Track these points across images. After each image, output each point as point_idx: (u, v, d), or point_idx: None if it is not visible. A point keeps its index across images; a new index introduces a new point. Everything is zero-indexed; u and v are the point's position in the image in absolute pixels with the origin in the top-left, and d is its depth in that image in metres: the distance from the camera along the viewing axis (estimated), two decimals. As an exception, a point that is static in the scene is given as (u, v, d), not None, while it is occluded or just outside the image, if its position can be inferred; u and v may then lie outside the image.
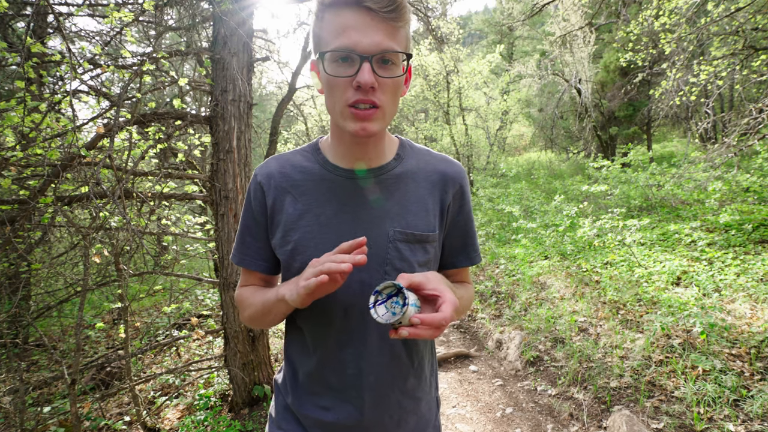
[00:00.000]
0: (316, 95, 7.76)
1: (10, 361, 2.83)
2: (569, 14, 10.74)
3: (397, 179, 0.82)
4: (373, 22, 0.65)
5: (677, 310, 3.04)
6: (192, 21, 3.32)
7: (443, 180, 0.84)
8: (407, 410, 0.84)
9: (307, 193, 0.80)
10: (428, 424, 0.91)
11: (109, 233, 2.57)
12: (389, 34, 0.67)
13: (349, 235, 0.77)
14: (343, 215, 0.79)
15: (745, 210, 4.56)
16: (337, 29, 0.66)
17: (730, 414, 2.16)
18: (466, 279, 0.97)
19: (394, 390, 0.81)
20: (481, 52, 16.33)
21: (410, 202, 0.81)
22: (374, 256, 0.77)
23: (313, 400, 0.82)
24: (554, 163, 15.18)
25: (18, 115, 2.14)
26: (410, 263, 0.79)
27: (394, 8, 0.65)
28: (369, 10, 0.65)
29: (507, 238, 6.77)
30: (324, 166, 0.82)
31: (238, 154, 2.90)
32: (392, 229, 0.78)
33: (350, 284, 0.76)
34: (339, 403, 0.80)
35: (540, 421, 2.60)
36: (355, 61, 0.66)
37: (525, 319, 3.82)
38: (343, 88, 0.68)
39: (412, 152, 0.87)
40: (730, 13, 5.61)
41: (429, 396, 0.90)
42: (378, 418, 0.81)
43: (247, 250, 0.86)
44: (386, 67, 0.68)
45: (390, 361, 0.80)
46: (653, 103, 8.63)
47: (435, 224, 0.83)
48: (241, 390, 2.99)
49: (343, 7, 0.66)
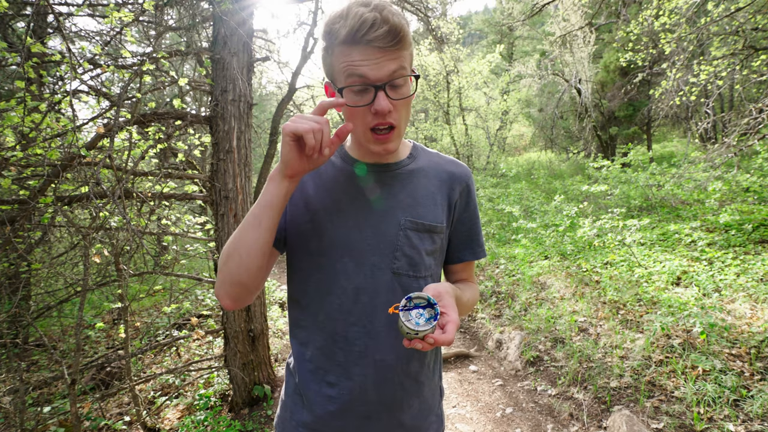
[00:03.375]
0: (316, 95, 7.77)
1: (10, 361, 2.83)
2: (569, 14, 10.74)
3: (410, 174, 0.89)
4: (380, 54, 0.71)
5: (677, 310, 3.04)
6: (192, 21, 3.32)
7: (451, 179, 0.92)
8: (410, 393, 0.87)
9: (329, 181, 0.87)
10: (431, 410, 0.93)
11: (109, 233, 2.57)
12: (396, 60, 0.73)
13: (363, 221, 0.84)
14: (359, 203, 0.85)
15: (745, 210, 4.55)
16: (349, 66, 0.72)
17: (730, 414, 2.16)
18: (470, 278, 1.01)
19: (397, 371, 0.85)
20: (481, 52, 16.33)
21: (421, 195, 0.88)
22: (386, 241, 0.84)
23: (319, 375, 0.85)
24: (554, 163, 15.17)
25: (18, 115, 2.14)
26: (419, 250, 0.85)
27: (398, 41, 0.72)
28: (376, 47, 0.71)
29: (507, 238, 6.76)
30: (345, 159, 0.89)
31: (238, 154, 2.90)
32: (403, 218, 0.85)
33: (362, 266, 0.82)
34: (344, 380, 0.83)
35: (540, 421, 2.60)
36: (370, 91, 0.74)
37: (525, 319, 3.82)
38: (363, 115, 0.76)
39: (424, 153, 0.95)
40: (730, 13, 5.61)
41: (432, 382, 0.93)
42: (380, 397, 0.84)
43: None
44: (398, 89, 0.75)
45: (395, 341, 0.83)
46: (653, 103, 8.63)
47: (443, 217, 0.90)
48: (241, 390, 2.99)
49: (351, 45, 0.71)
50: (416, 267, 0.85)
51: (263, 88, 11.66)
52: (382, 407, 0.85)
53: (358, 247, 0.83)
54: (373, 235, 0.83)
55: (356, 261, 0.83)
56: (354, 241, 0.83)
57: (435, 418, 0.94)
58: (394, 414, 0.86)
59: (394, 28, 0.70)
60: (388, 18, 0.69)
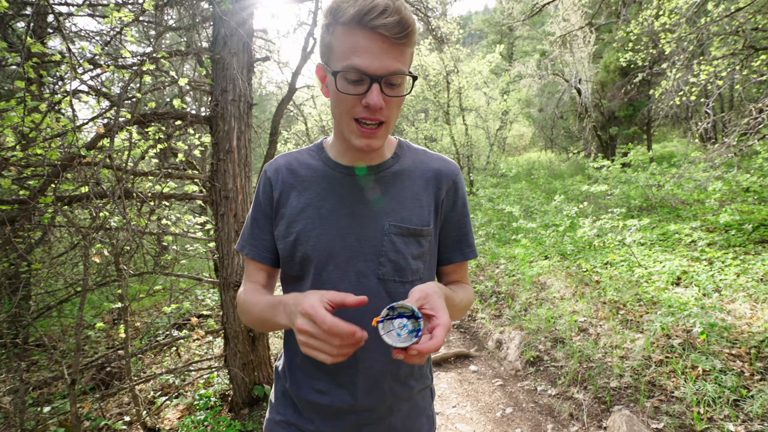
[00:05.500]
0: (316, 95, 7.76)
1: (10, 361, 2.82)
2: (569, 14, 10.74)
3: (393, 176, 0.87)
4: (384, 45, 0.68)
5: (677, 310, 3.04)
6: (192, 21, 3.32)
7: (437, 177, 0.89)
8: (400, 397, 0.87)
9: (310, 188, 0.86)
10: (422, 412, 0.92)
11: (109, 233, 2.57)
12: (398, 57, 0.70)
13: (346, 228, 0.82)
14: (342, 209, 0.83)
15: (745, 210, 4.55)
16: (348, 49, 0.69)
17: (730, 414, 2.16)
18: (463, 279, 0.98)
19: (387, 377, 0.84)
20: (481, 52, 16.33)
21: (405, 198, 0.85)
22: (370, 247, 0.82)
23: (309, 383, 0.85)
24: (554, 163, 15.17)
25: (18, 115, 2.14)
26: (404, 255, 0.83)
27: (406, 34, 0.68)
28: (381, 35, 0.67)
29: (507, 238, 6.76)
30: (326, 163, 0.87)
31: (238, 154, 2.90)
32: (387, 223, 0.83)
33: (347, 274, 0.82)
34: (334, 387, 0.83)
35: (540, 421, 2.60)
36: (365, 82, 0.70)
37: (525, 319, 3.82)
38: (352, 104, 0.73)
39: (409, 151, 0.92)
40: (730, 13, 5.61)
41: (422, 385, 0.92)
42: (371, 404, 0.84)
43: (255, 241, 0.90)
44: (393, 87, 0.72)
45: (383, 348, 0.81)
46: (653, 103, 8.63)
47: (429, 219, 0.87)
48: (241, 390, 2.99)
49: (355, 27, 0.67)
50: (402, 272, 0.83)
51: (263, 88, 11.66)
52: (372, 413, 0.85)
53: (342, 254, 0.82)
54: (356, 241, 0.82)
55: (341, 269, 0.82)
56: (338, 249, 0.82)
57: (426, 420, 0.94)
58: (385, 419, 0.86)
59: (404, 20, 0.67)
60: (401, 9, 0.67)
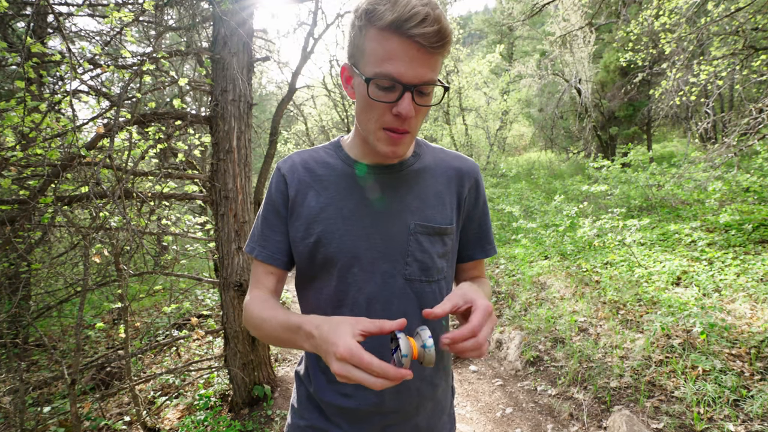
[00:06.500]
0: (317, 95, 7.76)
1: (10, 361, 2.83)
2: (569, 14, 10.74)
3: (416, 174, 0.85)
4: (418, 54, 0.66)
5: (677, 310, 3.04)
6: (192, 21, 3.32)
7: (459, 175, 0.89)
8: (425, 396, 0.86)
9: (330, 187, 0.82)
10: (444, 411, 0.93)
11: (109, 233, 2.57)
12: (432, 66, 0.68)
13: (371, 228, 0.80)
14: (364, 209, 0.81)
15: (745, 210, 4.55)
16: (382, 55, 0.67)
17: (730, 414, 2.16)
18: (482, 274, 1.00)
19: (414, 377, 0.83)
20: (481, 52, 16.34)
21: (429, 196, 0.84)
22: (396, 248, 0.80)
23: (334, 387, 0.83)
24: (554, 163, 15.17)
25: (18, 115, 2.14)
26: (430, 254, 0.82)
27: (442, 44, 0.67)
28: (417, 43, 0.65)
29: (507, 238, 6.76)
30: (346, 161, 0.85)
31: (238, 154, 2.90)
32: (413, 222, 0.81)
33: (373, 275, 0.80)
34: (360, 390, 0.81)
35: (540, 421, 2.60)
36: (397, 90, 0.68)
37: (525, 319, 3.82)
38: (381, 111, 0.71)
39: (428, 150, 0.91)
40: (730, 13, 5.61)
41: (445, 383, 0.92)
42: (398, 404, 0.83)
43: (265, 242, 0.85)
44: (424, 96, 0.71)
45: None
46: (653, 103, 8.63)
47: (452, 217, 0.86)
48: (241, 390, 2.99)
49: (392, 33, 0.65)
50: (428, 271, 0.82)
51: (263, 88, 11.66)
52: (399, 414, 0.84)
53: (367, 255, 0.79)
54: (381, 241, 0.80)
55: (366, 270, 0.79)
56: (362, 250, 0.79)
57: (447, 419, 0.94)
58: (411, 419, 0.85)
59: (443, 30, 0.65)
60: (440, 18, 0.65)
